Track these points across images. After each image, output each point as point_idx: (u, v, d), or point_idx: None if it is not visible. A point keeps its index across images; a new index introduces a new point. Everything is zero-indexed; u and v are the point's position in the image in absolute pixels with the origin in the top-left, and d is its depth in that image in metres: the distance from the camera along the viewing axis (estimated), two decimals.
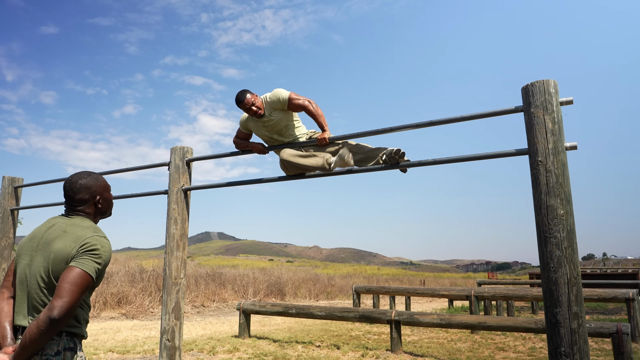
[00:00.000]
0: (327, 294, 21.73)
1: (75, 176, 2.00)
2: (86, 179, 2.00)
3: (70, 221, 1.93)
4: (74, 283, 1.72)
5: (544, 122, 2.49)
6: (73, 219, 1.95)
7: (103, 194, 2.04)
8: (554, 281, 2.34)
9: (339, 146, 3.65)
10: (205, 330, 9.14)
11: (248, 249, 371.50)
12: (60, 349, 1.76)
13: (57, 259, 1.80)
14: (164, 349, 3.65)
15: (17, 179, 5.29)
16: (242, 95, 3.70)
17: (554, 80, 2.54)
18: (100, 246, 1.84)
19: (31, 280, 1.82)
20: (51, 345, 1.75)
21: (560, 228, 2.37)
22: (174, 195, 3.89)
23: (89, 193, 1.98)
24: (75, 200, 1.97)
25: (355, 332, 8.83)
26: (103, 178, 2.08)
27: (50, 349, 1.74)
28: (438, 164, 2.92)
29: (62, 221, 1.93)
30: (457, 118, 2.89)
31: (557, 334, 2.31)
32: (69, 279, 1.72)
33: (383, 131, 3.19)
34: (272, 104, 3.74)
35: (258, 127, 3.86)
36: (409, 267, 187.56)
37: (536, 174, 2.48)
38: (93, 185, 2.00)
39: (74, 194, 1.97)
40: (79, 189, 1.97)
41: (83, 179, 1.99)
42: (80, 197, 1.97)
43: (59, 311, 1.66)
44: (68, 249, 1.81)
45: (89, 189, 1.98)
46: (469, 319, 6.42)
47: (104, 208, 2.06)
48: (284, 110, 3.76)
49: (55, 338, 1.75)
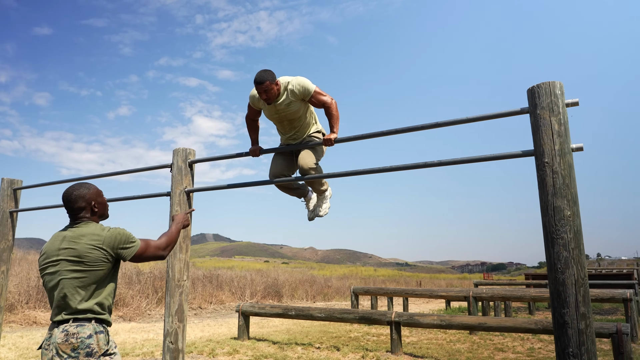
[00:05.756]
0: (324, 296, 21.71)
1: (70, 189, 2.34)
2: (79, 189, 2.33)
3: (79, 230, 2.24)
4: (146, 242, 2.34)
5: (550, 123, 2.49)
6: (80, 227, 2.26)
7: (97, 199, 2.37)
8: (561, 282, 2.35)
9: (316, 166, 3.70)
10: (203, 333, 9.11)
11: (243, 251, 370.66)
12: (92, 332, 2.10)
13: (83, 256, 2.14)
14: (167, 351, 3.63)
15: (17, 181, 5.25)
16: (263, 77, 3.43)
17: (560, 82, 2.55)
18: (119, 231, 2.26)
19: (64, 284, 2.14)
20: (84, 330, 2.09)
21: (567, 229, 2.38)
22: (176, 197, 3.87)
23: (85, 201, 2.31)
24: (75, 209, 2.30)
25: (354, 333, 8.82)
26: (94, 185, 2.41)
27: (83, 333, 2.08)
28: (444, 165, 2.92)
29: (70, 233, 2.24)
30: (462, 120, 2.90)
31: (565, 335, 2.31)
32: (143, 246, 2.32)
33: (388, 133, 3.19)
34: (293, 92, 3.57)
35: (269, 108, 3.69)
36: (405, 268, 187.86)
37: (543, 176, 2.48)
38: (87, 194, 2.33)
39: (72, 204, 2.30)
40: (75, 199, 2.30)
41: (77, 190, 2.33)
42: (78, 206, 2.30)
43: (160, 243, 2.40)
44: (91, 245, 2.17)
45: (83, 197, 2.31)
46: (469, 320, 6.43)
47: (100, 211, 2.39)
48: (304, 101, 3.64)
49: (85, 324, 2.10)
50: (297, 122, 3.76)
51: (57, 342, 2.05)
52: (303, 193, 4.09)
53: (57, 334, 2.06)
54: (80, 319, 2.11)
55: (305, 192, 4.09)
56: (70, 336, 2.06)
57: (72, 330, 2.07)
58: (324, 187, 4.02)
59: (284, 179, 3.73)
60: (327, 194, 4.10)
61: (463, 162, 2.84)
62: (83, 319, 2.12)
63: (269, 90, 3.48)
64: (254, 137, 3.93)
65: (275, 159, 3.94)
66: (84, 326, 2.09)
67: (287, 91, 3.59)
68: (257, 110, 3.83)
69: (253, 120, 3.92)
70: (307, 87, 3.55)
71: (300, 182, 3.94)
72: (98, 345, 2.09)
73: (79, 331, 2.07)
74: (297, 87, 3.55)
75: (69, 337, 2.05)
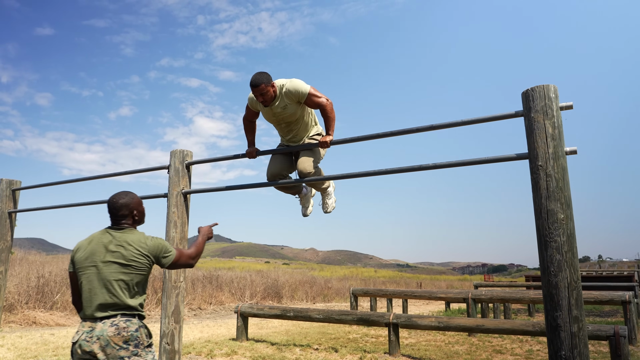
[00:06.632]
0: (324, 297, 21.70)
1: (116, 197, 2.56)
2: (124, 198, 2.56)
3: (124, 236, 2.48)
4: (180, 251, 2.63)
5: (544, 126, 2.50)
6: (125, 233, 2.49)
7: (138, 208, 2.61)
8: (554, 285, 2.36)
9: (317, 168, 3.80)
10: (202, 333, 9.12)
11: (244, 251, 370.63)
12: (137, 327, 2.38)
13: (130, 261, 2.40)
14: (164, 352, 3.64)
15: (15, 181, 5.27)
16: (258, 80, 3.46)
17: (554, 85, 2.56)
18: (160, 242, 2.55)
19: (113, 284, 2.37)
20: (131, 324, 2.36)
21: (561, 232, 2.39)
22: (173, 199, 3.88)
23: (128, 209, 2.55)
24: (118, 216, 2.54)
25: (352, 334, 8.82)
26: (137, 195, 2.66)
27: (132, 327, 2.35)
28: (438, 168, 2.93)
29: (116, 238, 2.46)
30: (457, 122, 2.91)
31: (558, 338, 2.32)
32: (177, 254, 2.59)
33: (384, 135, 3.20)
34: (288, 95, 3.57)
35: (266, 111, 3.70)
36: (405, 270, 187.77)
37: (536, 179, 2.49)
38: (131, 203, 2.57)
39: (117, 211, 2.53)
40: (120, 207, 2.53)
41: (122, 198, 2.55)
42: (121, 213, 2.53)
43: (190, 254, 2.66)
44: (138, 252, 2.44)
45: (127, 205, 2.55)
46: (467, 321, 6.43)
47: (139, 219, 2.64)
48: (300, 103, 3.63)
49: (132, 319, 2.38)
50: (294, 125, 3.77)
51: (109, 334, 2.29)
52: (298, 190, 4.13)
53: (107, 328, 2.30)
54: (127, 314, 2.39)
55: (299, 190, 4.14)
56: (121, 330, 2.32)
57: (122, 324, 2.34)
58: (325, 184, 4.05)
59: (282, 182, 3.75)
60: (330, 190, 4.13)
61: (458, 165, 2.85)
62: (130, 315, 2.40)
63: (265, 92, 3.49)
64: (250, 138, 3.94)
65: (274, 159, 3.95)
66: (131, 321, 2.37)
67: (282, 94, 3.59)
68: (255, 112, 3.83)
69: (250, 122, 3.92)
70: (302, 89, 3.54)
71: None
72: (142, 338, 2.39)
73: (128, 325, 2.34)
74: (291, 90, 3.55)
75: (120, 331, 2.31)
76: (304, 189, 4.16)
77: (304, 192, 4.16)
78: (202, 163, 3.96)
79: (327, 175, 3.55)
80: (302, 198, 4.18)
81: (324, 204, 4.14)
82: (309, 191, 4.23)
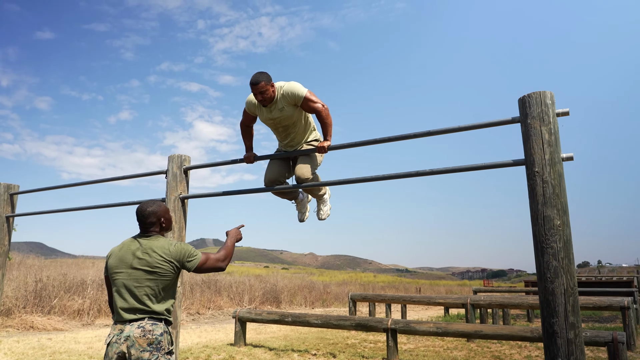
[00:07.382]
0: (322, 302, 21.65)
1: (145, 205, 2.67)
2: (152, 206, 2.66)
3: (150, 243, 2.58)
4: (206, 255, 2.66)
5: (540, 133, 2.51)
6: (151, 240, 2.59)
7: (165, 216, 2.71)
8: (550, 291, 2.36)
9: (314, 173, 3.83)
10: (200, 338, 9.09)
11: (243, 256, 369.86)
12: (162, 331, 2.45)
13: (155, 267, 2.49)
14: None
15: (13, 185, 5.27)
16: (258, 79, 3.45)
17: (551, 92, 2.57)
18: (183, 247, 2.61)
19: (140, 290, 2.47)
20: (157, 328, 2.44)
21: (557, 238, 2.39)
22: (171, 204, 3.88)
23: (156, 217, 2.65)
24: (147, 223, 2.64)
25: (351, 340, 8.80)
26: (164, 204, 2.77)
27: (157, 331, 2.43)
28: (435, 174, 2.93)
29: (143, 245, 2.57)
30: (454, 128, 2.91)
31: (554, 344, 2.32)
32: (204, 258, 2.64)
33: (381, 140, 3.20)
34: (285, 97, 3.56)
35: (264, 114, 3.70)
36: (405, 275, 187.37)
37: (533, 185, 2.50)
38: (158, 211, 2.67)
39: (145, 219, 2.63)
40: (148, 215, 2.63)
41: (150, 207, 2.66)
42: (150, 221, 2.64)
43: (219, 257, 2.71)
44: (162, 258, 2.51)
45: (155, 213, 2.65)
46: (465, 327, 6.42)
47: (167, 227, 2.74)
48: (297, 106, 3.62)
49: (158, 323, 2.46)
50: (292, 129, 3.76)
51: (135, 335, 2.38)
52: (294, 196, 4.15)
53: (134, 330, 2.40)
54: (155, 318, 2.48)
55: (296, 195, 4.15)
56: (147, 332, 2.40)
57: (148, 327, 2.42)
58: (322, 191, 4.05)
59: (279, 187, 3.74)
60: (325, 197, 4.14)
61: (455, 171, 2.86)
62: (156, 319, 2.48)
63: (265, 91, 3.49)
64: (248, 143, 3.94)
65: (272, 165, 3.95)
66: (157, 325, 2.46)
67: (280, 96, 3.59)
68: (252, 116, 3.83)
69: (248, 127, 3.92)
70: (299, 91, 3.53)
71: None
72: (165, 343, 2.45)
73: (153, 329, 2.43)
74: (289, 92, 3.55)
75: (146, 333, 2.40)
76: (300, 195, 4.17)
77: (300, 198, 4.17)
78: (200, 168, 3.96)
79: (325, 181, 3.55)
80: (299, 204, 4.19)
81: (318, 210, 4.13)
82: (305, 197, 4.23)
